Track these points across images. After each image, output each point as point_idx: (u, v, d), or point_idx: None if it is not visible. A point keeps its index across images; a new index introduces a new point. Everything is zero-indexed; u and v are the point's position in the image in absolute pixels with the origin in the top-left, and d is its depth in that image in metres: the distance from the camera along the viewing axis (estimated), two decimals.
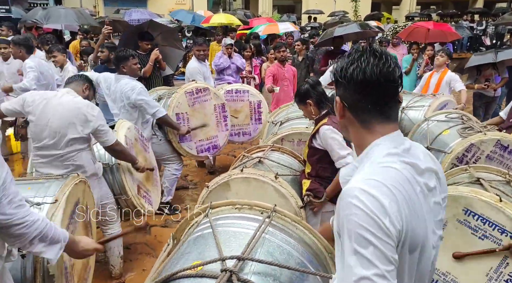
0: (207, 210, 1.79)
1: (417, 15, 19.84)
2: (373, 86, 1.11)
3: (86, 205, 2.53)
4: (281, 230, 1.66)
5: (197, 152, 4.58)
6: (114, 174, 3.21)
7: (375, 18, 18.14)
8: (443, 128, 3.69)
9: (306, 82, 2.82)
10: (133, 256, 3.69)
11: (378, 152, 1.12)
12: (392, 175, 1.06)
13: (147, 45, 5.63)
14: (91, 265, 2.60)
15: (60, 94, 2.84)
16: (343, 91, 1.17)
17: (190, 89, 4.44)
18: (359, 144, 1.20)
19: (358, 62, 1.11)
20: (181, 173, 4.84)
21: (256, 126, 5.31)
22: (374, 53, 1.12)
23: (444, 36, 8.59)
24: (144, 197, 3.45)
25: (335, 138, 2.60)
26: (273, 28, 11.13)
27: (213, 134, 4.67)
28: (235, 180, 2.60)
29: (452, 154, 3.18)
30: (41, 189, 2.20)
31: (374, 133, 1.15)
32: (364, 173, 1.07)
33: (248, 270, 1.38)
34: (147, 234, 4.04)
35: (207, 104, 4.56)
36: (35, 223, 1.56)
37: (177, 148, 4.45)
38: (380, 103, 1.13)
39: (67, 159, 2.79)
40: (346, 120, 1.20)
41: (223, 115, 4.70)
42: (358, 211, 0.99)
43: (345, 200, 1.03)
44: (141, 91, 3.88)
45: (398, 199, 1.02)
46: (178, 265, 1.46)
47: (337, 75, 1.17)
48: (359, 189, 1.01)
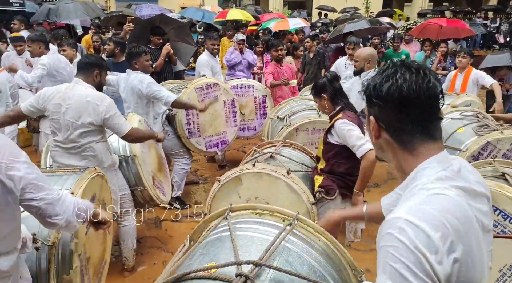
0: (226, 212, 1.75)
1: (429, 12, 19.60)
2: (413, 105, 1.01)
3: (103, 200, 2.54)
4: (303, 240, 1.59)
5: (206, 148, 4.58)
6: (130, 166, 3.23)
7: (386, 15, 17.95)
8: (457, 125, 3.64)
9: (325, 76, 2.84)
10: (144, 249, 3.71)
11: (426, 177, 1.01)
12: (445, 204, 0.95)
13: (159, 40, 5.64)
14: (106, 259, 2.61)
15: (71, 86, 2.84)
16: (378, 111, 1.07)
17: (200, 84, 4.44)
18: (401, 167, 1.09)
19: (394, 79, 1.02)
20: (191, 168, 4.86)
21: (261, 121, 5.30)
22: (409, 68, 1.03)
23: (457, 32, 8.47)
24: (158, 188, 3.47)
25: (351, 129, 2.60)
26: (283, 24, 11.05)
27: (222, 130, 4.67)
28: (247, 175, 2.59)
29: (467, 152, 3.14)
30: (59, 182, 2.22)
31: (418, 156, 1.05)
32: (411, 202, 0.96)
33: (264, 277, 1.32)
34: (157, 228, 4.06)
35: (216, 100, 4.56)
36: (67, 196, 1.65)
37: (186, 143, 4.45)
38: (422, 123, 1.03)
39: (84, 150, 2.82)
40: (383, 141, 1.11)
41: (232, 111, 4.70)
42: (398, 244, 0.89)
43: (385, 230, 0.93)
44: (150, 82, 3.88)
45: (452, 233, 0.91)
46: (193, 265, 1.43)
47: (369, 94, 1.08)
48: (403, 220, 0.91)
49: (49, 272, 1.95)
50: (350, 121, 2.62)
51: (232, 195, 2.61)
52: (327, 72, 2.93)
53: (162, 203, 3.45)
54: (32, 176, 1.50)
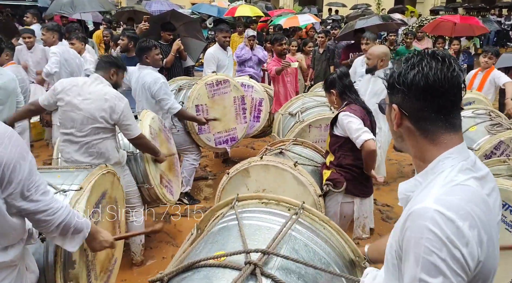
0: (233, 202, 1.78)
1: (442, 9, 19.33)
2: (437, 93, 1.01)
3: (115, 198, 2.55)
4: (308, 229, 1.63)
5: (215, 144, 4.59)
6: (138, 163, 3.25)
7: (398, 11, 17.77)
8: (469, 124, 3.60)
9: (335, 72, 2.88)
10: (153, 244, 3.74)
11: (449, 167, 1.02)
12: (469, 195, 0.96)
13: (169, 36, 5.65)
14: (117, 257, 2.60)
15: (89, 81, 2.86)
16: (401, 99, 1.07)
17: (211, 81, 4.43)
18: (421, 156, 1.09)
19: (419, 67, 1.02)
20: (200, 164, 4.87)
21: (253, 123, 5.23)
22: (435, 57, 1.03)
23: (471, 30, 8.36)
24: (166, 187, 3.48)
25: (350, 121, 2.65)
26: (293, 21, 10.99)
27: (231, 126, 4.66)
28: (255, 167, 2.63)
29: (479, 151, 3.11)
30: (70, 177, 2.24)
31: (440, 145, 1.05)
32: (437, 192, 0.97)
33: (272, 265, 1.35)
34: (167, 223, 4.09)
35: (226, 96, 4.54)
36: (58, 210, 1.60)
37: (196, 139, 4.47)
38: (445, 112, 1.04)
39: (91, 146, 2.83)
40: (404, 130, 1.10)
41: (242, 108, 4.68)
42: (431, 236, 0.89)
43: (416, 221, 0.93)
44: (162, 85, 3.86)
45: (478, 224, 0.93)
46: (201, 254, 1.46)
47: (394, 81, 1.08)
48: (434, 211, 0.91)
49: (55, 265, 1.96)
50: (351, 113, 2.67)
51: (240, 187, 2.66)
52: (337, 68, 2.96)
53: (168, 202, 3.45)
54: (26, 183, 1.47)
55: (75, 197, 2.06)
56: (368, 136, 2.61)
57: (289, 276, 1.33)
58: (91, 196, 2.13)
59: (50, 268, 1.96)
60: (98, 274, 2.28)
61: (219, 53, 5.44)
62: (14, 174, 1.43)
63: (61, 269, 1.96)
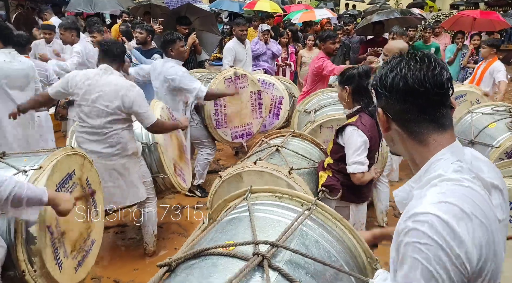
0: (246, 193, 1.77)
1: (462, 4, 18.90)
2: (418, 93, 1.00)
3: (87, 179, 2.55)
4: (320, 226, 1.61)
5: (231, 138, 4.62)
6: (152, 153, 3.28)
7: (417, 6, 17.43)
8: (489, 121, 3.52)
9: (357, 67, 2.62)
10: (166, 235, 3.78)
11: (441, 169, 0.99)
12: (468, 196, 0.93)
13: (185, 30, 5.67)
14: (94, 238, 2.59)
15: (101, 72, 2.88)
16: (385, 102, 1.07)
17: (229, 75, 4.46)
18: (413, 159, 1.08)
19: (398, 69, 1.02)
20: (213, 158, 4.88)
21: (272, 120, 5.30)
22: (414, 57, 1.02)
23: (492, 25, 8.13)
24: (179, 175, 3.52)
25: (357, 140, 2.46)
26: (309, 15, 10.88)
27: (248, 121, 4.70)
28: (248, 172, 2.57)
29: (500, 149, 3.04)
30: (34, 160, 2.27)
31: (429, 146, 1.03)
32: (434, 194, 0.94)
33: (280, 258, 1.33)
34: (179, 214, 4.12)
35: (244, 91, 4.57)
36: (3, 183, 1.63)
37: (213, 133, 4.50)
38: (429, 111, 1.02)
39: (110, 136, 2.87)
40: (393, 133, 1.10)
41: (258, 102, 4.71)
42: (429, 241, 0.88)
43: (411, 225, 0.91)
44: (184, 74, 3.87)
45: (477, 228, 0.90)
46: (211, 242, 1.46)
47: (376, 85, 1.08)
48: (434, 216, 0.89)
49: (16, 241, 2.00)
50: (361, 129, 2.47)
51: (233, 191, 2.60)
52: (360, 66, 2.72)
53: (182, 190, 3.49)
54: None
55: (34, 176, 2.10)
56: (357, 169, 2.46)
57: (297, 271, 1.32)
58: (52, 175, 2.16)
59: (13, 244, 2.01)
60: (69, 252, 2.31)
61: (237, 46, 5.47)
62: None
63: (23, 245, 2.02)
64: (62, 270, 2.21)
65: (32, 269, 2.04)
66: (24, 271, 2.01)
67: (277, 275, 1.25)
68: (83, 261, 2.46)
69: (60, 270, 2.20)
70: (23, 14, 8.03)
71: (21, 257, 2.01)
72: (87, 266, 2.50)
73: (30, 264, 2.04)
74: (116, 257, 3.41)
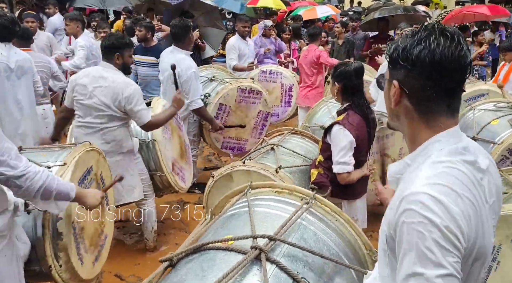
0: (246, 189, 1.80)
1: (468, 1, 18.72)
2: (443, 72, 0.96)
3: (101, 175, 2.58)
4: (319, 219, 1.63)
5: (221, 146, 4.52)
6: (150, 150, 3.28)
7: (422, 3, 17.29)
8: (491, 117, 3.50)
9: (350, 65, 2.57)
10: (167, 230, 3.79)
11: (436, 150, 0.99)
12: (458, 178, 0.94)
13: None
14: (107, 233, 2.63)
15: (100, 69, 2.91)
16: (404, 76, 1.01)
17: (245, 86, 4.34)
18: (413, 138, 1.06)
19: (426, 43, 0.96)
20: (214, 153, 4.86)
21: (285, 108, 5.29)
22: (444, 33, 0.96)
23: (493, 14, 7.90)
24: (178, 174, 3.51)
25: (342, 140, 2.45)
26: (311, 13, 10.79)
27: (244, 137, 4.55)
28: (237, 172, 2.63)
29: (503, 145, 3.02)
30: (54, 155, 2.30)
31: (434, 127, 1.01)
32: (426, 175, 0.95)
33: (278, 251, 1.35)
34: (180, 210, 4.14)
35: (253, 107, 4.45)
36: (36, 174, 1.64)
37: (205, 134, 4.40)
38: (448, 92, 0.99)
39: (106, 133, 2.89)
40: (401, 109, 1.05)
41: (262, 123, 4.57)
42: (424, 220, 0.88)
43: (406, 206, 0.91)
44: (192, 76, 3.79)
45: (467, 206, 0.92)
46: (211, 237, 1.49)
47: (397, 55, 1.01)
48: (426, 195, 0.90)
49: (44, 237, 2.03)
50: (347, 129, 2.44)
51: (225, 191, 2.63)
52: (355, 62, 2.70)
53: (180, 190, 3.48)
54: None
55: (59, 172, 2.12)
56: (342, 169, 2.46)
57: (295, 264, 1.33)
58: (75, 171, 2.18)
59: (40, 240, 2.03)
60: (88, 247, 2.34)
61: (240, 42, 5.45)
62: None
63: (50, 241, 2.04)
64: (83, 264, 2.25)
65: (58, 264, 2.08)
66: (51, 266, 2.05)
67: (275, 268, 1.27)
68: (99, 256, 2.50)
69: (81, 265, 2.24)
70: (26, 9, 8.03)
71: (48, 252, 2.04)
72: (102, 261, 2.54)
73: (56, 259, 2.07)
74: (117, 252, 3.43)
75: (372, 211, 3.12)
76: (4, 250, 1.68)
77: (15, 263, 1.79)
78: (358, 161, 2.55)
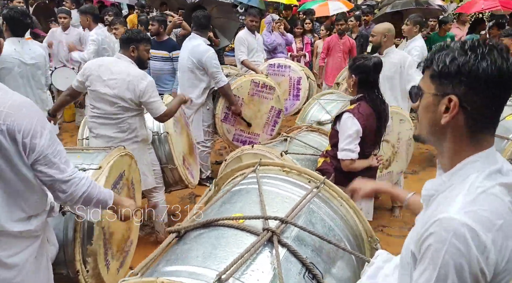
0: (256, 165, 1.80)
1: None
2: (507, 88, 0.94)
3: (131, 180, 2.59)
4: (326, 204, 1.65)
5: (232, 138, 4.56)
6: (162, 143, 3.31)
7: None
8: (507, 112, 3.43)
9: (371, 59, 2.54)
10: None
11: (475, 172, 0.97)
12: (495, 205, 0.92)
13: None
14: (132, 239, 2.64)
15: (115, 60, 2.95)
16: (463, 92, 0.95)
17: (258, 80, 4.43)
18: (454, 154, 1.01)
19: (491, 58, 0.92)
20: (225, 147, 4.88)
21: (293, 102, 5.29)
22: (499, 48, 0.94)
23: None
24: (188, 169, 3.54)
25: (350, 128, 2.47)
26: (323, 9, 10.65)
27: (256, 132, 4.59)
28: (246, 155, 2.79)
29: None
30: (89, 158, 2.30)
31: (479, 145, 0.98)
32: (463, 199, 0.92)
33: (288, 234, 1.36)
34: (191, 203, 4.17)
35: (265, 102, 4.50)
36: (81, 180, 1.63)
37: (218, 125, 4.45)
38: (501, 109, 0.96)
39: (121, 122, 2.93)
40: (451, 125, 0.99)
41: (274, 120, 4.60)
42: (454, 249, 0.87)
43: (441, 231, 0.90)
44: (212, 55, 3.98)
45: (501, 235, 0.90)
46: (219, 213, 1.48)
47: (455, 70, 0.95)
48: (460, 223, 0.88)
49: (74, 241, 2.01)
50: (356, 117, 2.46)
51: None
52: (375, 57, 2.63)
53: (190, 184, 3.50)
54: (49, 151, 1.52)
55: (95, 176, 2.10)
56: (346, 155, 2.48)
57: (303, 247, 1.35)
58: (109, 176, 2.17)
59: (69, 243, 2.01)
60: (115, 253, 2.33)
61: (248, 36, 5.45)
62: (35, 140, 1.48)
63: (80, 245, 2.02)
64: (108, 271, 2.22)
65: (85, 269, 2.05)
66: (78, 271, 2.02)
67: (286, 251, 1.28)
68: (124, 262, 2.49)
69: (107, 271, 2.21)
70: (41, 4, 8.14)
71: (78, 257, 2.01)
72: (126, 267, 2.52)
73: (84, 264, 2.05)
74: None
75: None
76: (36, 251, 1.67)
77: (45, 264, 1.77)
78: (364, 152, 2.57)
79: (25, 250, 1.62)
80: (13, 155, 1.47)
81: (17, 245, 1.59)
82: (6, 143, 1.45)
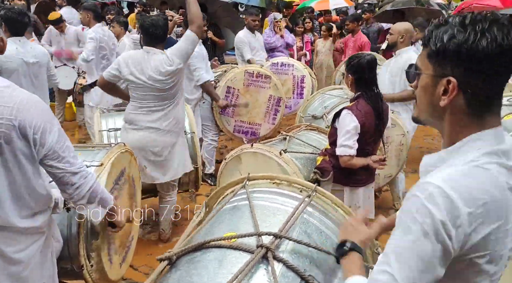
0: (244, 181, 1.76)
1: None
2: (506, 65, 0.89)
3: (132, 176, 2.61)
4: (321, 212, 1.60)
5: (233, 130, 4.59)
6: (188, 143, 3.43)
7: None
8: (505, 112, 3.44)
9: (364, 57, 2.59)
10: (179, 221, 3.84)
11: (476, 149, 0.92)
12: (484, 180, 0.89)
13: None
14: (133, 235, 2.66)
15: (146, 53, 3.03)
16: (463, 72, 0.90)
17: (252, 70, 4.46)
18: (455, 134, 0.97)
19: (491, 34, 0.86)
20: (226, 146, 4.90)
21: (297, 100, 5.29)
22: (502, 23, 0.88)
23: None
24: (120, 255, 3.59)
25: (348, 124, 2.51)
26: (323, 4, 10.60)
27: (257, 121, 4.61)
28: (246, 154, 2.79)
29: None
30: (90, 155, 2.31)
31: (482, 125, 0.93)
32: (452, 171, 0.90)
33: (283, 248, 1.32)
34: (193, 202, 4.19)
35: (262, 91, 4.51)
36: (88, 174, 1.68)
37: (216, 118, 4.50)
38: (503, 87, 0.91)
39: (168, 112, 3.08)
40: (451, 106, 0.94)
41: (275, 108, 4.60)
42: (424, 210, 0.86)
43: (414, 193, 0.89)
44: (196, 55, 3.95)
45: (484, 212, 0.87)
46: (211, 233, 1.43)
47: (454, 49, 0.89)
48: (435, 186, 0.87)
49: (78, 236, 2.03)
50: (354, 114, 2.50)
51: (234, 172, 2.81)
52: (370, 55, 2.69)
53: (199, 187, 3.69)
54: (58, 146, 1.56)
55: (97, 172, 2.10)
56: (344, 151, 2.52)
57: (301, 260, 1.31)
58: (111, 172, 2.19)
59: (73, 239, 2.03)
60: (117, 248, 2.36)
61: (249, 36, 5.47)
62: (45, 135, 1.52)
63: (84, 240, 2.04)
64: (112, 265, 2.25)
65: (89, 264, 2.07)
66: (83, 266, 2.04)
67: (282, 266, 1.24)
68: (126, 257, 2.51)
69: (110, 266, 2.23)
70: (43, 3, 8.14)
71: (82, 251, 2.03)
72: (128, 262, 2.55)
73: (88, 259, 2.06)
74: None
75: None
76: (42, 246, 1.70)
77: (50, 259, 1.80)
78: (363, 149, 2.60)
79: (30, 246, 1.65)
80: (22, 150, 1.51)
81: (24, 241, 1.63)
82: (17, 138, 1.48)
